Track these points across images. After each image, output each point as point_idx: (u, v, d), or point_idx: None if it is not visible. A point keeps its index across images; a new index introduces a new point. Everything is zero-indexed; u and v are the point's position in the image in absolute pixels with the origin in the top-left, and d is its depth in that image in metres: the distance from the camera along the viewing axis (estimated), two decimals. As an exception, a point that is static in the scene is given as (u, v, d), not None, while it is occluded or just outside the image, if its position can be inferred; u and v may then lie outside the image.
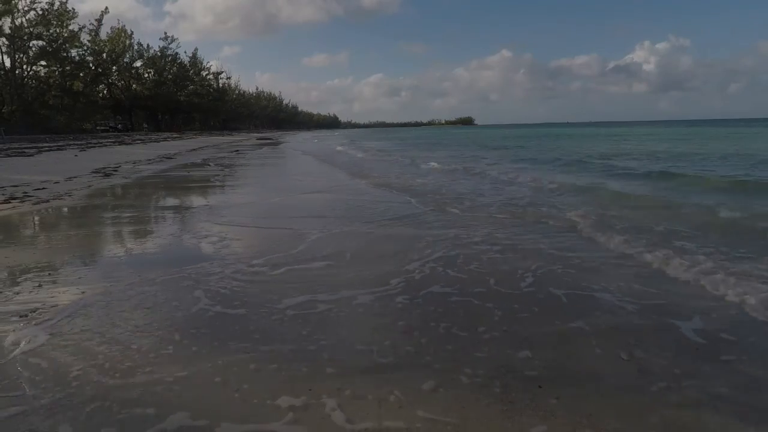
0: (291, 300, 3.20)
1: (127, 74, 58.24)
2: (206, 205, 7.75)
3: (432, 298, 3.23)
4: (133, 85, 59.83)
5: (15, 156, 15.08)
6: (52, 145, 21.32)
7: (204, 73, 73.43)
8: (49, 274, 3.83)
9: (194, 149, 26.47)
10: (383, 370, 2.30)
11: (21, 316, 2.93)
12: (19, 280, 3.68)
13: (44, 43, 40.73)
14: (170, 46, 63.15)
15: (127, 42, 55.61)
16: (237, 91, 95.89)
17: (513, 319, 2.85)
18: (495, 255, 4.25)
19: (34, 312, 3.00)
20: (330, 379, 2.23)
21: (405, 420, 1.92)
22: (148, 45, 61.90)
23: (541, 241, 4.70)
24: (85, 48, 47.80)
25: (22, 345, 2.54)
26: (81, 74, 46.62)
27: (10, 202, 7.40)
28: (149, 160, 17.69)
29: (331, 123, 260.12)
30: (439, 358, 2.39)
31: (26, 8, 38.64)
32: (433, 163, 15.10)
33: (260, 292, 3.38)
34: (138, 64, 59.93)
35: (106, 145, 23.77)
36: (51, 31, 40.78)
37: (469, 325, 2.77)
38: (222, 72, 79.33)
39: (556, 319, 2.85)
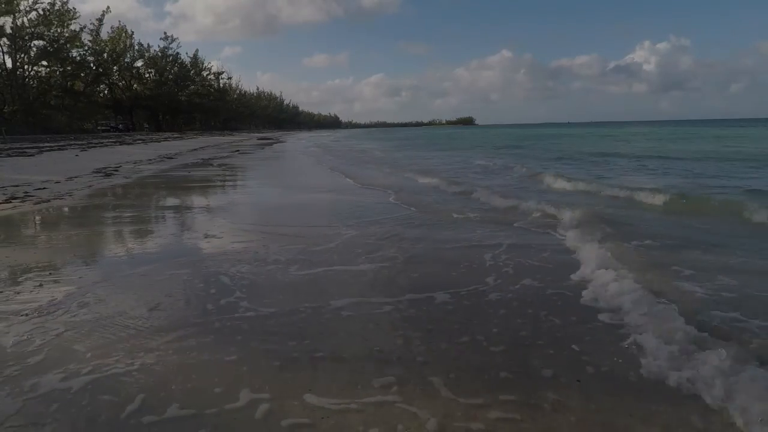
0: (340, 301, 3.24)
1: (127, 74, 58.28)
2: (208, 205, 7.77)
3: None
4: (134, 85, 59.88)
5: (16, 156, 15.10)
6: (53, 145, 21.34)
7: (205, 74, 73.53)
8: (50, 273, 3.83)
9: (195, 149, 26.49)
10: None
11: (22, 315, 2.94)
12: (20, 279, 3.69)
13: (45, 43, 40.77)
14: (171, 46, 63.29)
15: (128, 42, 55.67)
16: (238, 92, 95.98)
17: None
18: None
19: (35, 311, 3.00)
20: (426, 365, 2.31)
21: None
22: (148, 45, 62.06)
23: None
24: (86, 48, 47.83)
25: (45, 338, 2.55)
26: (82, 74, 46.67)
27: (11, 202, 7.40)
28: (150, 160, 17.70)
29: (331, 123, 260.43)
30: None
31: (28, 8, 38.70)
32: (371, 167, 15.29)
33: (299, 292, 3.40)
34: (139, 64, 60.05)
35: (107, 145, 23.78)
36: (52, 31, 40.81)
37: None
38: (223, 72, 79.42)
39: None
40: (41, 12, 39.55)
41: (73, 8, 41.94)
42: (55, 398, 2.09)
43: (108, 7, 49.71)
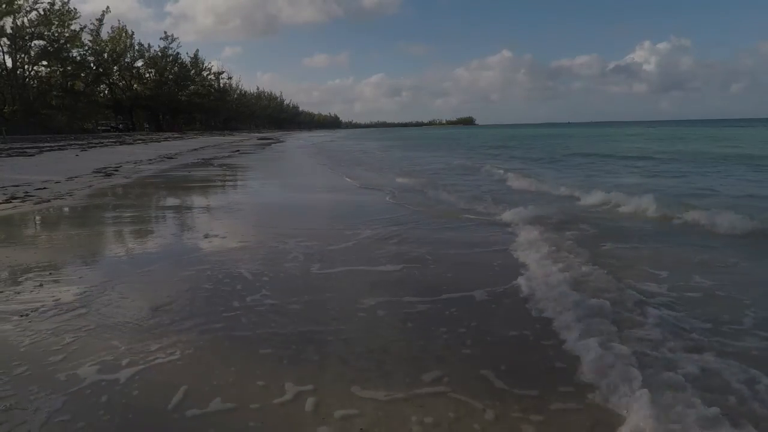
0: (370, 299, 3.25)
1: (128, 74, 58.27)
2: (208, 205, 7.79)
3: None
4: (134, 85, 59.85)
5: (16, 156, 15.11)
6: (53, 144, 21.35)
7: (205, 74, 73.43)
8: (50, 273, 3.84)
9: (195, 149, 26.48)
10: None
11: (21, 315, 2.95)
12: (20, 279, 3.69)
13: (46, 43, 40.77)
14: (171, 45, 63.19)
15: (128, 42, 55.67)
16: (238, 92, 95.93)
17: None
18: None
19: (36, 311, 3.01)
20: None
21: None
22: (149, 45, 62.05)
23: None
24: (86, 48, 47.83)
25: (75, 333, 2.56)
26: (82, 74, 46.66)
27: (11, 202, 7.41)
28: (150, 160, 17.70)
29: (332, 123, 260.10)
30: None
31: (28, 8, 38.69)
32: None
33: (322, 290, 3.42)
34: (139, 64, 60.02)
35: (107, 145, 23.78)
36: (52, 30, 40.81)
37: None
38: (223, 72, 79.30)
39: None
40: (41, 12, 39.59)
41: (74, 8, 42.00)
42: (99, 391, 2.11)
43: (108, 7, 49.77)
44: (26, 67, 40.85)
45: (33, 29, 39.44)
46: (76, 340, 2.59)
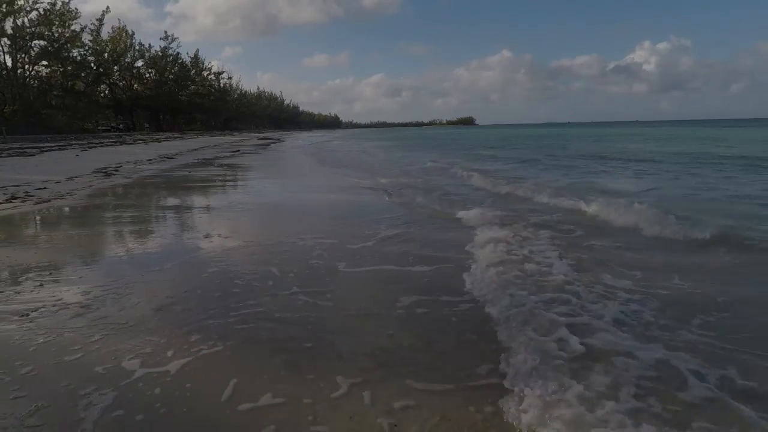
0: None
1: (128, 74, 58.26)
2: (208, 205, 7.78)
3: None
4: (135, 85, 59.84)
5: (16, 156, 15.11)
6: (53, 144, 21.35)
7: (205, 73, 73.42)
8: (50, 273, 3.83)
9: (195, 149, 26.47)
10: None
11: (22, 316, 2.94)
12: (20, 279, 3.68)
13: (46, 43, 40.76)
14: (171, 45, 63.16)
15: (128, 42, 55.68)
16: (238, 91, 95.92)
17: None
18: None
19: (36, 311, 3.00)
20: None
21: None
22: (149, 45, 62.05)
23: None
24: (87, 48, 47.85)
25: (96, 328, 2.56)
26: (82, 74, 46.64)
27: (11, 202, 7.41)
28: (150, 160, 17.70)
29: (332, 123, 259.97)
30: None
31: (29, 8, 38.68)
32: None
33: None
34: (139, 63, 60.00)
35: (107, 145, 23.78)
36: (53, 30, 40.81)
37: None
38: (223, 72, 79.28)
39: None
40: (42, 12, 39.57)
41: (75, 9, 42.00)
42: (148, 385, 2.13)
43: (108, 7, 49.75)
44: (26, 67, 40.82)
45: (33, 29, 39.42)
46: (103, 338, 2.61)
